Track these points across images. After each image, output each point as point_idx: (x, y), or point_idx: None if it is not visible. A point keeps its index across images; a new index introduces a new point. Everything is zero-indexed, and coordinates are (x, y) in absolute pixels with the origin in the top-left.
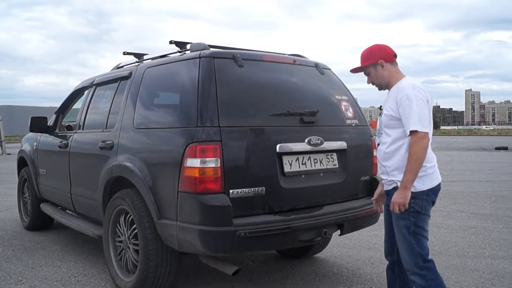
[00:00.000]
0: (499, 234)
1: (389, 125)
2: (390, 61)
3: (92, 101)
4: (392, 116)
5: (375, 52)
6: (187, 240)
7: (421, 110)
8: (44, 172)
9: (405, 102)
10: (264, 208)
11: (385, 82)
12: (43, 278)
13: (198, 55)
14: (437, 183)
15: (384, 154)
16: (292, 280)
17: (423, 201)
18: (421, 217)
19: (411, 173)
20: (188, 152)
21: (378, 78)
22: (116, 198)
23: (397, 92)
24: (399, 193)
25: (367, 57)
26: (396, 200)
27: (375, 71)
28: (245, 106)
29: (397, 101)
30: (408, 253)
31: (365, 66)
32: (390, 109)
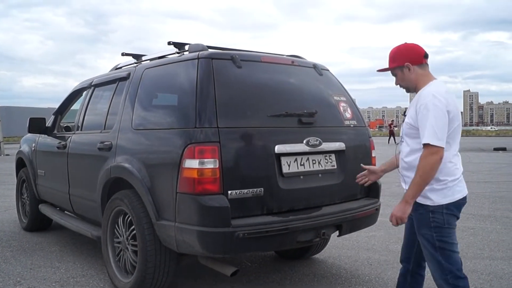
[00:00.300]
0: (497, 235)
1: (409, 134)
2: (418, 63)
3: (91, 102)
4: (411, 125)
5: (402, 53)
6: (185, 241)
7: (438, 121)
8: (42, 173)
9: (423, 111)
10: (262, 209)
11: (412, 86)
12: (41, 279)
13: (197, 56)
14: (460, 196)
15: (403, 164)
16: (290, 281)
17: (443, 215)
18: (445, 231)
19: (414, 188)
20: (186, 153)
21: (404, 81)
22: (115, 199)
23: (418, 99)
24: (399, 206)
25: (394, 58)
26: (394, 213)
27: (402, 73)
28: (243, 107)
29: (416, 109)
30: (437, 269)
31: (392, 68)
32: (411, 117)
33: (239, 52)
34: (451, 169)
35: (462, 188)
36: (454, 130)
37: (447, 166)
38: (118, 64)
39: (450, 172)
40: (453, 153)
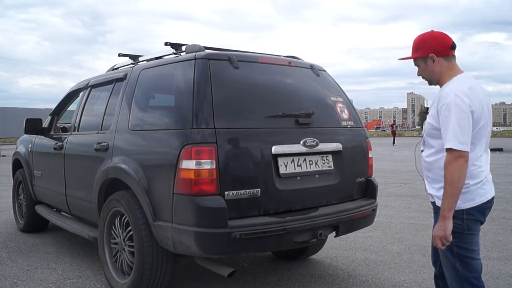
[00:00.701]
0: (493, 235)
1: (431, 134)
2: (444, 54)
3: (87, 103)
4: (433, 125)
5: (428, 42)
6: (182, 242)
7: (461, 123)
8: (39, 174)
9: (444, 112)
10: (259, 210)
11: (435, 79)
12: (38, 280)
13: (194, 56)
14: (483, 200)
15: (425, 163)
16: (287, 282)
17: (463, 220)
18: (465, 238)
19: (448, 200)
20: (183, 154)
21: (427, 73)
22: (111, 200)
23: (439, 98)
24: (439, 225)
25: (417, 47)
26: (436, 234)
27: (425, 65)
28: (240, 107)
29: (438, 109)
30: (453, 276)
31: (415, 58)
32: (432, 116)
33: (236, 52)
34: (474, 172)
35: (487, 190)
36: (479, 130)
37: (470, 168)
38: (115, 65)
39: (472, 175)
40: (478, 155)
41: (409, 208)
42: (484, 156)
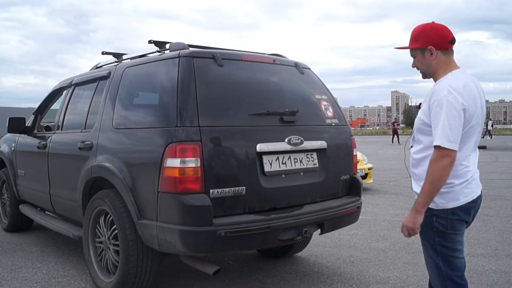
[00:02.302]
0: (477, 232)
1: (421, 130)
2: (443, 48)
3: (71, 101)
4: (424, 121)
5: (427, 33)
6: (167, 240)
7: (451, 121)
8: (22, 173)
9: (436, 109)
10: (244, 208)
11: (430, 72)
12: (22, 279)
13: (178, 54)
14: (468, 199)
15: (412, 160)
16: (273, 280)
17: (447, 220)
18: (449, 237)
19: (425, 196)
20: (167, 152)
21: (423, 65)
22: (96, 198)
23: (432, 93)
24: (409, 215)
25: (416, 37)
26: (404, 223)
27: (422, 57)
28: (225, 105)
29: (430, 105)
30: (435, 275)
31: (412, 48)
32: (424, 112)
33: (220, 50)
34: (461, 172)
35: (472, 190)
36: (470, 129)
37: (456, 168)
38: (99, 63)
39: (458, 174)
40: (466, 154)
41: (393, 206)
42: (473, 156)
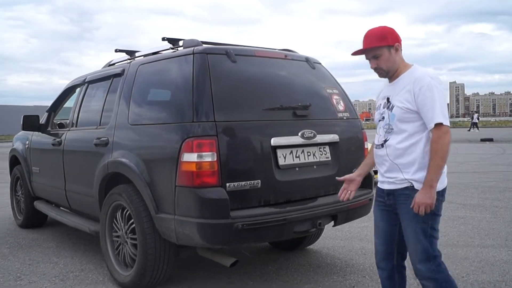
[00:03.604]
0: (487, 224)
1: (404, 118)
2: (401, 45)
3: (85, 99)
4: (408, 109)
5: (391, 32)
6: (185, 233)
7: (442, 102)
8: (37, 170)
9: (426, 93)
10: (260, 201)
11: (394, 69)
12: (41, 274)
13: (192, 51)
14: (446, 183)
15: (395, 151)
16: (287, 271)
17: (439, 202)
18: (437, 219)
19: (437, 171)
20: (184, 147)
21: (389, 63)
22: (113, 194)
23: (413, 82)
24: (425, 192)
25: (382, 37)
26: (422, 201)
27: (389, 54)
28: (239, 101)
29: (414, 91)
30: (423, 258)
31: (379, 47)
32: (406, 101)
33: (233, 47)
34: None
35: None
36: None
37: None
38: (111, 61)
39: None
40: None
41: None
42: None
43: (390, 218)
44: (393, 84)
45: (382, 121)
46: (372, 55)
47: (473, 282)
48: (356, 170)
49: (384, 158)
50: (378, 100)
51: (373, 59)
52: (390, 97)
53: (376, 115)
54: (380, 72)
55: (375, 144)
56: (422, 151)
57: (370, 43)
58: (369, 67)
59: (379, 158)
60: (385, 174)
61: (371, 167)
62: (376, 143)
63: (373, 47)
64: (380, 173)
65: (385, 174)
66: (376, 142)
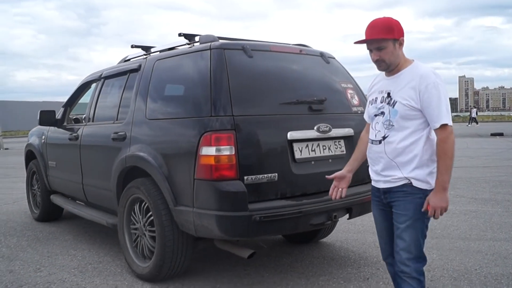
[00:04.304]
0: (499, 218)
1: (406, 116)
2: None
3: (102, 94)
4: (412, 106)
5: (397, 25)
6: (204, 225)
7: (447, 101)
8: (53, 164)
9: (432, 91)
10: (277, 194)
11: (396, 63)
12: (60, 266)
13: (209, 46)
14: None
15: (395, 149)
16: (301, 264)
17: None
18: (428, 218)
19: (449, 172)
20: (203, 141)
21: (393, 56)
22: (131, 187)
23: (419, 78)
24: (440, 195)
25: (389, 28)
26: (438, 205)
27: (393, 48)
28: (256, 95)
29: (419, 89)
30: (416, 257)
31: (384, 39)
32: (410, 98)
33: (249, 42)
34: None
35: None
36: None
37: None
38: (127, 56)
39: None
40: None
41: None
42: None
43: (388, 217)
44: (393, 78)
45: (380, 116)
46: (376, 46)
47: (487, 274)
48: (346, 166)
49: (381, 155)
50: (373, 93)
51: (376, 51)
52: (391, 92)
53: (370, 108)
54: (381, 65)
55: (370, 140)
56: (422, 149)
57: (376, 34)
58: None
59: (375, 154)
60: (380, 172)
61: (361, 161)
62: (372, 138)
63: (379, 38)
64: (374, 171)
65: (380, 172)
66: (372, 138)
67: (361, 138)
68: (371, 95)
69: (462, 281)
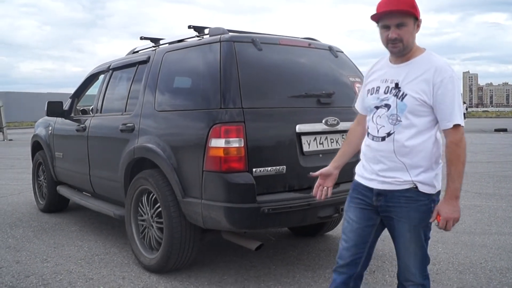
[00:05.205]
0: (503, 212)
1: (416, 111)
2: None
3: (110, 85)
4: (424, 101)
5: (416, 5)
6: (212, 217)
7: (460, 99)
8: (60, 156)
9: (448, 86)
10: (285, 186)
11: (411, 47)
12: (67, 256)
13: (219, 39)
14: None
15: (402, 148)
16: (308, 256)
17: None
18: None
19: (461, 179)
20: (212, 132)
21: (412, 38)
22: (139, 178)
23: (434, 71)
24: (453, 205)
25: (413, 5)
26: (451, 215)
27: (413, 28)
28: (265, 88)
29: (434, 83)
30: (421, 264)
31: (408, 14)
32: (422, 92)
33: (258, 35)
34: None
35: None
36: None
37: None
38: (135, 48)
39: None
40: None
41: None
42: None
43: (369, 219)
44: (402, 67)
45: (383, 109)
46: (398, 22)
47: (492, 268)
48: (333, 161)
49: (384, 154)
50: (373, 81)
51: (395, 28)
52: (400, 83)
53: (370, 99)
54: (397, 46)
55: (370, 135)
56: (430, 151)
57: (401, 5)
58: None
59: (375, 152)
60: (380, 172)
61: (350, 157)
62: (373, 134)
63: (403, 10)
64: (369, 170)
65: (380, 172)
66: (373, 133)
67: (351, 131)
68: (371, 83)
69: (467, 275)
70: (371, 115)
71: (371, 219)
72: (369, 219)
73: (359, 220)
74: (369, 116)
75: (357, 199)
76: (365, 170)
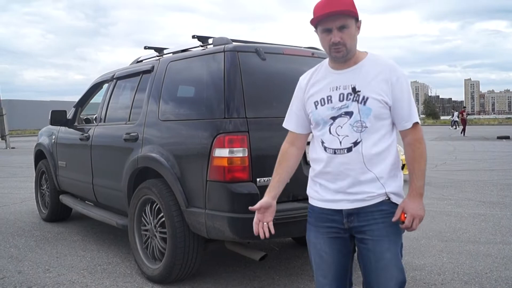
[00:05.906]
0: (508, 221)
1: (380, 114)
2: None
3: (114, 94)
4: (386, 102)
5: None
6: (215, 227)
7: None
8: (63, 164)
9: (404, 84)
10: (288, 196)
11: (354, 51)
12: (69, 266)
13: (223, 49)
14: None
15: (372, 157)
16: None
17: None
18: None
19: (424, 177)
20: (216, 142)
21: (354, 41)
22: (142, 188)
23: (388, 69)
24: (418, 203)
25: (353, 3)
26: (418, 213)
27: (354, 30)
28: (269, 98)
29: (392, 81)
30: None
31: (350, 15)
32: (383, 92)
33: (262, 44)
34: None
35: None
36: None
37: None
38: (139, 58)
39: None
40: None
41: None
42: None
43: (345, 246)
44: (350, 71)
45: (344, 118)
46: (340, 24)
47: (497, 278)
48: (269, 190)
49: (351, 167)
50: (320, 92)
51: (338, 31)
52: (358, 87)
53: (321, 111)
54: (341, 51)
55: (330, 150)
56: (395, 156)
57: (341, 5)
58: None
59: (340, 166)
60: (349, 189)
61: (285, 182)
62: (334, 147)
63: (345, 10)
64: (334, 190)
65: (349, 189)
66: (334, 146)
67: (283, 154)
68: (316, 94)
69: (473, 285)
70: (327, 128)
71: (346, 246)
72: (344, 246)
73: (333, 253)
74: (322, 130)
75: (324, 228)
76: (326, 192)
